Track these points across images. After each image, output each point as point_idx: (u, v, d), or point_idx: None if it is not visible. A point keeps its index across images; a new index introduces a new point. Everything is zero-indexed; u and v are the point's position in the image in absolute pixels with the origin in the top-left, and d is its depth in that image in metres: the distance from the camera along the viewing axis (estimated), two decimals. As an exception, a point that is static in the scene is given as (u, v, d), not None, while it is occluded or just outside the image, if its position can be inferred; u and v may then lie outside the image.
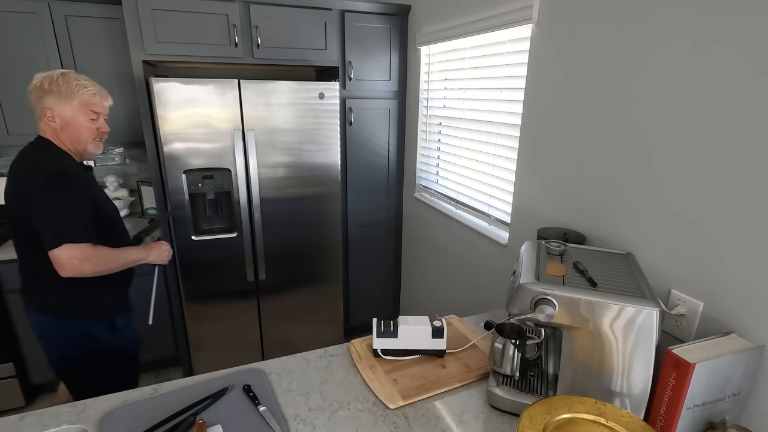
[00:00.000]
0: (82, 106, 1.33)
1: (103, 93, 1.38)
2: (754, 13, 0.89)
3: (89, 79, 1.38)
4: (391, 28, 2.38)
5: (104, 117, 1.40)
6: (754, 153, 0.91)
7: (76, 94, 1.32)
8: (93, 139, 1.38)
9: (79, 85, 1.33)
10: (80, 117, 1.34)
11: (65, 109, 1.32)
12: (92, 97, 1.34)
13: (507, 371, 1.03)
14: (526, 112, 1.59)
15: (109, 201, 1.45)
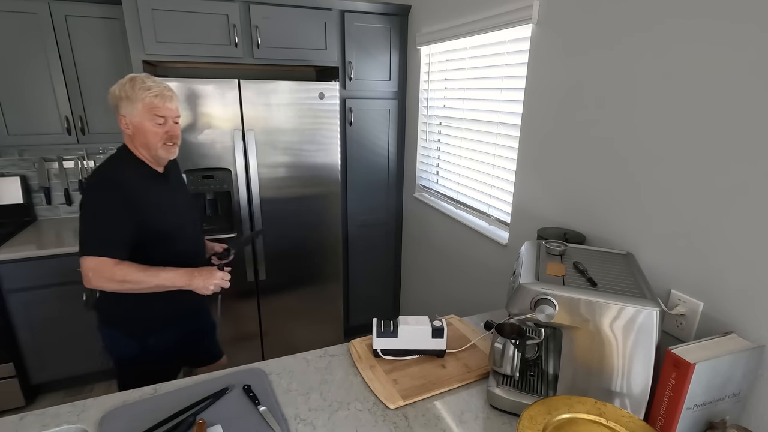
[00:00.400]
0: (147, 110, 1.26)
1: (166, 95, 1.29)
2: (755, 16, 0.89)
3: (156, 81, 1.30)
4: (391, 28, 2.38)
5: (173, 120, 1.32)
6: (754, 153, 0.91)
7: (139, 98, 1.26)
8: (162, 143, 1.30)
9: (143, 88, 1.26)
10: (146, 122, 1.27)
11: (134, 114, 1.27)
12: (154, 100, 1.26)
13: (507, 371, 1.03)
14: (526, 112, 1.59)
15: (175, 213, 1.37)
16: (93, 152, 2.56)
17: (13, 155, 2.43)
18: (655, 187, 1.13)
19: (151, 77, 1.30)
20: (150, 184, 1.32)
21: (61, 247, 2.10)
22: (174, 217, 1.37)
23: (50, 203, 2.54)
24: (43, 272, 2.09)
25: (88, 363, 2.32)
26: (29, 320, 2.13)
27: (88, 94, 2.20)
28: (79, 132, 2.23)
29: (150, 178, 1.34)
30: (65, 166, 2.51)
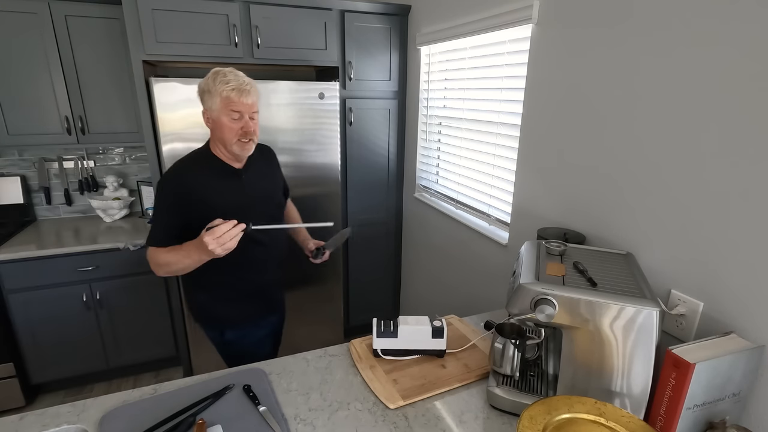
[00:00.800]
0: (224, 104, 1.23)
1: (243, 89, 1.23)
2: (755, 15, 0.89)
3: (237, 75, 1.25)
4: (391, 28, 2.38)
5: (249, 115, 1.27)
6: (754, 153, 0.91)
7: (218, 92, 1.23)
8: (237, 139, 1.27)
9: (222, 81, 1.23)
10: (223, 116, 1.25)
11: (213, 109, 1.26)
12: (231, 94, 1.22)
13: (507, 371, 1.03)
14: (526, 112, 1.59)
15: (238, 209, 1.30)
16: (93, 152, 2.56)
17: (13, 155, 2.43)
18: (655, 187, 1.13)
19: (235, 71, 1.26)
20: (216, 181, 1.31)
21: (61, 247, 2.11)
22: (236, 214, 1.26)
23: (50, 203, 2.54)
24: (43, 272, 2.09)
25: (88, 363, 2.32)
26: (29, 320, 2.13)
27: (88, 94, 2.20)
28: (79, 132, 2.23)
29: (219, 174, 1.32)
30: (65, 166, 2.51)
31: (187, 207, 1.27)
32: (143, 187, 2.60)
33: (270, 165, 1.51)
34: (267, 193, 1.46)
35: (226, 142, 1.28)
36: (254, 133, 1.29)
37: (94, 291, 2.21)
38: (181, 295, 2.26)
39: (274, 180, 1.52)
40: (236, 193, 1.35)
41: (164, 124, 1.97)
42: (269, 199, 1.46)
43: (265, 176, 1.47)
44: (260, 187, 1.43)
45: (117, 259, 2.20)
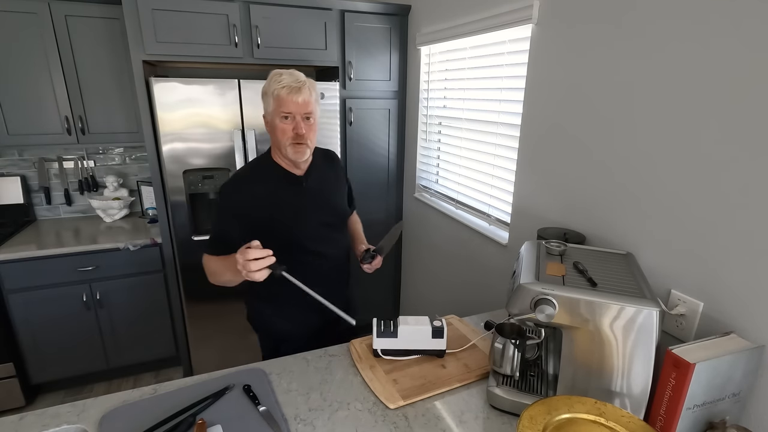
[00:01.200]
0: (276, 105, 1.18)
1: (293, 87, 1.16)
2: (754, 13, 0.89)
3: (294, 74, 1.18)
4: (391, 28, 2.38)
5: (301, 116, 1.19)
6: (754, 154, 0.91)
7: (271, 92, 1.17)
8: (290, 143, 1.20)
9: (276, 81, 1.17)
10: (276, 118, 1.19)
11: (268, 111, 1.21)
12: (281, 92, 1.15)
13: (507, 371, 1.03)
14: (526, 112, 1.59)
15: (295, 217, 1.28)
16: (93, 152, 2.56)
17: (13, 155, 2.43)
18: (655, 187, 1.13)
19: (292, 71, 1.19)
20: (275, 189, 1.25)
21: (61, 247, 2.11)
22: (294, 227, 1.28)
23: (50, 203, 2.54)
24: (43, 272, 2.09)
25: (88, 363, 2.32)
26: (29, 320, 2.13)
27: (88, 94, 2.20)
28: (79, 132, 2.23)
29: (278, 182, 1.26)
30: (65, 166, 2.51)
31: (242, 216, 1.23)
32: (143, 187, 2.60)
33: (333, 171, 1.42)
34: (327, 202, 1.36)
35: (280, 145, 1.23)
36: (306, 137, 1.21)
37: (94, 291, 2.21)
38: (181, 295, 2.26)
39: (336, 188, 1.42)
40: (294, 202, 1.29)
41: (164, 124, 1.97)
42: (329, 209, 1.37)
43: (327, 183, 1.38)
44: (321, 195, 1.34)
45: (117, 259, 2.20)
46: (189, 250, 2.17)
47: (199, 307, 2.28)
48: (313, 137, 1.24)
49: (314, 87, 1.22)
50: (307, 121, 1.21)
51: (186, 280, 2.21)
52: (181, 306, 2.31)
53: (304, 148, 1.23)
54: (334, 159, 1.47)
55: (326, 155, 1.44)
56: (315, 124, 1.24)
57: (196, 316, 2.28)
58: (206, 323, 2.31)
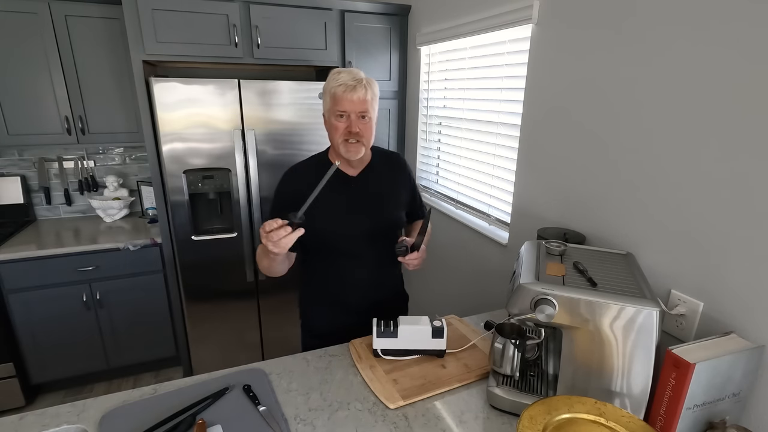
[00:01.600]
0: (332, 102, 1.18)
1: (349, 85, 1.14)
2: (755, 13, 0.89)
3: (352, 72, 1.17)
4: (391, 28, 2.38)
5: (356, 114, 1.17)
6: (754, 153, 0.91)
7: (328, 90, 1.17)
8: (343, 140, 1.19)
9: (333, 79, 1.16)
10: (332, 117, 1.19)
11: (326, 109, 1.21)
12: (337, 90, 1.15)
13: (507, 371, 1.03)
14: (526, 112, 1.59)
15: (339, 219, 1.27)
16: (93, 152, 2.56)
17: (13, 155, 2.44)
18: (655, 187, 1.13)
19: (352, 69, 1.19)
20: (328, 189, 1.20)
21: (61, 247, 2.11)
22: (339, 227, 1.27)
23: (50, 203, 2.54)
24: (43, 272, 2.09)
25: (88, 363, 2.32)
26: (29, 320, 2.13)
27: (88, 94, 2.20)
28: (79, 132, 2.23)
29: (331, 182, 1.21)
30: (65, 166, 2.51)
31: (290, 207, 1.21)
32: (143, 187, 2.60)
33: (392, 176, 1.37)
34: (375, 206, 1.32)
35: (334, 143, 1.22)
36: (361, 135, 1.19)
37: (94, 291, 2.21)
38: (181, 295, 2.26)
39: (391, 194, 1.36)
40: (340, 202, 1.27)
41: (164, 124, 1.97)
42: (376, 214, 1.32)
43: (380, 188, 1.33)
44: (370, 199, 1.31)
45: (117, 259, 2.20)
46: (189, 250, 2.17)
47: (199, 307, 2.28)
48: (368, 135, 1.22)
49: (372, 85, 1.20)
50: (362, 119, 1.19)
51: (186, 280, 2.21)
52: (181, 306, 2.31)
53: (359, 146, 1.21)
54: (398, 164, 1.40)
55: (390, 159, 1.40)
56: (371, 123, 1.22)
57: (196, 316, 2.28)
58: (206, 323, 2.31)
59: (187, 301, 2.25)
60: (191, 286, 2.23)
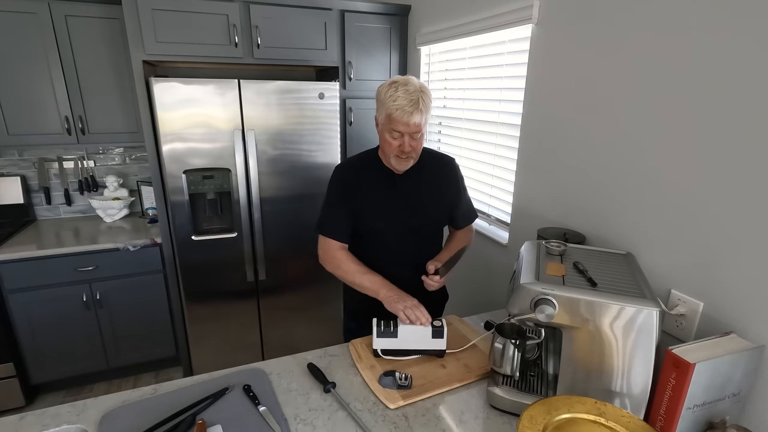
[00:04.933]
0: (387, 120, 1.21)
1: (407, 110, 1.17)
2: (756, 12, 0.89)
3: (409, 91, 1.18)
4: (391, 28, 2.38)
5: (411, 134, 1.21)
6: (754, 154, 0.91)
7: (385, 106, 1.20)
8: (395, 156, 1.25)
9: (391, 97, 1.19)
10: (385, 131, 1.24)
11: (380, 119, 1.25)
12: (394, 113, 1.18)
13: (507, 371, 1.03)
14: (526, 112, 1.59)
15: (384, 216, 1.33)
16: (93, 152, 2.56)
17: (13, 155, 2.43)
18: (655, 187, 1.13)
19: (408, 85, 1.19)
20: (375, 183, 1.33)
21: (61, 247, 2.11)
22: (380, 221, 1.34)
23: (50, 203, 2.54)
24: (43, 272, 2.09)
25: (88, 363, 2.32)
26: (29, 320, 2.13)
27: (88, 94, 2.20)
28: (79, 132, 2.23)
29: (377, 176, 1.33)
30: (65, 166, 2.51)
31: (346, 199, 1.34)
32: (143, 187, 2.60)
33: (437, 178, 1.39)
34: (417, 206, 1.36)
35: (386, 154, 1.28)
36: (414, 151, 1.25)
37: (94, 291, 2.21)
38: (181, 295, 2.26)
39: (435, 195, 1.38)
40: (385, 198, 1.34)
41: (164, 124, 1.97)
42: (418, 214, 1.36)
43: (425, 188, 1.37)
44: (413, 198, 1.36)
45: (117, 259, 2.20)
46: (189, 250, 2.17)
47: (199, 307, 2.28)
48: (419, 149, 1.27)
49: (428, 101, 1.21)
50: (415, 137, 1.23)
51: (186, 280, 2.21)
52: (181, 306, 2.31)
53: (409, 161, 1.28)
54: (445, 167, 1.42)
55: (438, 161, 1.42)
56: (423, 136, 1.27)
57: (196, 316, 2.28)
58: (206, 323, 2.31)
59: (187, 301, 2.25)
60: (191, 286, 2.23)
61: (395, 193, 1.34)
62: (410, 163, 1.29)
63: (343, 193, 1.34)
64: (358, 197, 1.33)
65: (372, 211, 1.33)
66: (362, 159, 1.39)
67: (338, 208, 1.35)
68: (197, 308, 2.27)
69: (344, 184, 1.34)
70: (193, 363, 2.36)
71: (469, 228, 1.52)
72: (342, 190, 1.34)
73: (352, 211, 1.33)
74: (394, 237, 1.36)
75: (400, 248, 1.38)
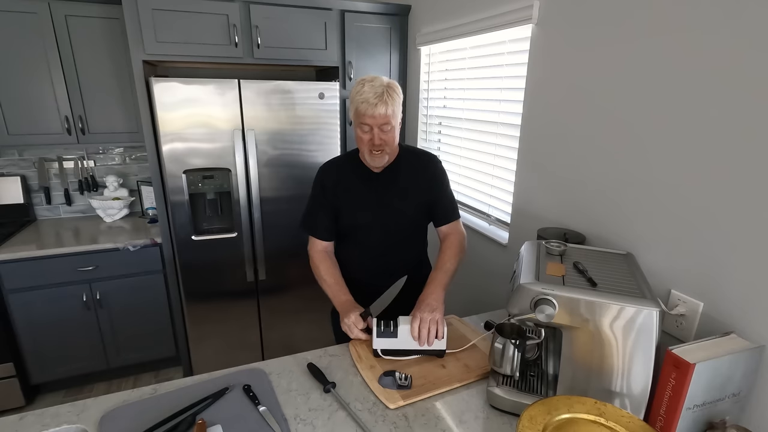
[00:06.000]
0: (355, 115, 1.24)
1: (371, 102, 1.18)
2: (753, 11, 0.89)
3: (374, 84, 1.20)
4: (391, 28, 2.38)
5: (378, 127, 1.22)
6: (754, 154, 0.91)
7: (353, 102, 1.22)
8: (368, 150, 1.26)
9: (357, 92, 1.21)
10: (356, 127, 1.26)
11: (351, 116, 1.27)
12: (360, 106, 1.20)
13: (507, 371, 1.03)
14: (526, 112, 1.59)
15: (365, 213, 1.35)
16: (93, 152, 2.56)
17: (13, 155, 2.43)
18: (654, 187, 1.13)
19: (374, 81, 1.21)
20: (353, 181, 1.36)
21: (61, 246, 2.11)
22: (355, 218, 1.37)
23: (50, 203, 2.54)
24: (43, 272, 2.09)
25: (88, 363, 2.32)
26: (29, 320, 2.13)
27: (88, 94, 2.20)
28: (79, 132, 2.23)
29: (358, 175, 1.36)
30: (65, 166, 2.51)
31: (325, 196, 1.37)
32: (143, 187, 2.60)
33: (415, 174, 1.37)
34: (391, 202, 1.36)
35: (361, 150, 1.30)
36: (384, 145, 1.25)
37: (94, 291, 2.21)
38: (181, 295, 2.26)
39: (411, 191, 1.37)
40: (361, 196, 1.36)
41: (164, 124, 1.97)
42: (392, 209, 1.36)
43: (399, 185, 1.36)
44: (387, 195, 1.36)
45: (117, 259, 2.20)
46: (189, 250, 2.17)
47: (199, 307, 2.28)
48: (391, 143, 1.27)
49: (393, 95, 1.22)
50: (384, 129, 1.23)
51: (186, 280, 2.21)
52: (181, 306, 2.31)
53: (382, 155, 1.28)
54: (424, 163, 1.40)
55: (417, 158, 1.40)
56: (394, 129, 1.26)
57: (196, 316, 2.28)
58: (206, 323, 2.31)
59: (187, 301, 2.25)
60: (191, 286, 2.23)
61: (371, 190, 1.36)
62: (385, 159, 1.29)
63: (321, 190, 1.37)
64: (337, 195, 1.36)
65: (348, 208, 1.36)
66: (344, 158, 1.42)
67: (318, 205, 1.39)
68: (197, 308, 2.27)
69: (323, 181, 1.37)
70: (193, 363, 2.36)
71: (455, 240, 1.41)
72: (321, 188, 1.38)
73: (332, 208, 1.37)
74: (369, 234, 1.38)
75: (376, 246, 1.40)
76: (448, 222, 1.43)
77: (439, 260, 1.36)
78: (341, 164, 1.40)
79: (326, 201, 1.37)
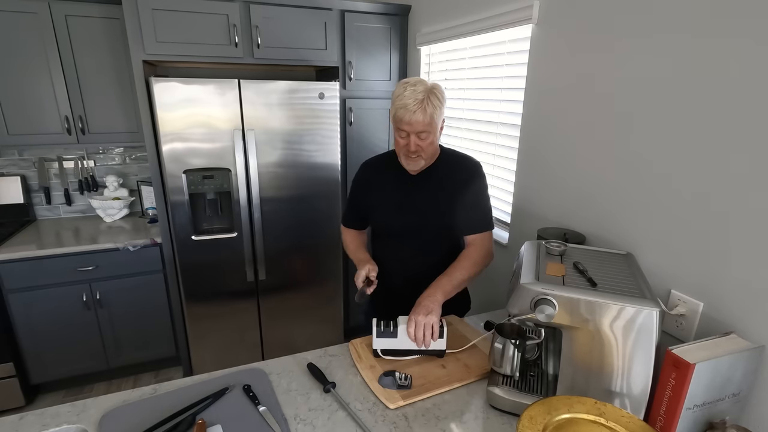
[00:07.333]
0: (394, 120, 1.25)
1: (409, 108, 1.17)
2: (756, 12, 0.89)
3: (413, 90, 1.18)
4: (391, 28, 2.38)
5: (415, 134, 1.21)
6: (754, 154, 0.91)
7: (393, 105, 1.23)
8: (404, 155, 1.27)
9: (396, 96, 1.21)
10: (395, 131, 1.26)
11: (390, 118, 1.28)
12: (398, 112, 1.20)
13: (507, 371, 1.03)
14: (526, 112, 1.59)
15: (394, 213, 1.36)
16: (93, 152, 2.56)
17: (13, 155, 2.43)
18: (654, 187, 1.13)
19: (416, 84, 1.20)
20: (389, 181, 1.38)
21: (61, 246, 2.11)
22: (384, 219, 1.40)
23: (50, 203, 2.54)
24: (43, 272, 2.09)
25: (88, 363, 2.32)
26: (29, 320, 2.13)
27: (88, 94, 2.20)
28: (79, 132, 2.23)
29: (393, 175, 1.37)
30: (65, 166, 2.51)
31: (359, 194, 1.45)
32: (143, 187, 2.60)
33: (452, 180, 1.33)
34: (421, 206, 1.34)
35: (397, 153, 1.31)
36: (420, 151, 1.25)
37: (94, 291, 2.21)
38: (181, 295, 2.26)
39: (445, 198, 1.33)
40: (392, 197, 1.38)
41: (164, 124, 1.97)
42: (421, 214, 1.34)
43: (432, 190, 1.33)
44: (418, 199, 1.34)
45: (117, 259, 2.20)
46: (189, 250, 2.17)
47: (199, 307, 2.28)
48: (428, 149, 1.26)
49: (435, 101, 1.20)
50: (421, 137, 1.23)
51: (186, 280, 2.21)
52: (181, 306, 2.31)
53: (418, 160, 1.28)
54: (462, 170, 1.35)
55: (459, 164, 1.37)
56: (431, 138, 1.24)
57: (196, 316, 2.28)
58: (206, 323, 2.31)
59: (187, 301, 2.25)
60: (191, 286, 2.23)
61: (403, 193, 1.36)
62: (420, 163, 1.29)
63: (357, 189, 1.46)
64: (371, 194, 1.41)
65: (379, 208, 1.40)
66: (385, 156, 1.45)
67: (353, 202, 1.48)
68: (197, 308, 2.27)
69: (360, 178, 1.45)
70: (193, 363, 2.36)
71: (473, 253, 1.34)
72: (356, 184, 1.46)
73: (366, 206, 1.43)
74: (396, 236, 1.40)
75: (402, 248, 1.40)
76: (472, 233, 1.37)
77: (450, 267, 1.30)
78: (380, 163, 1.43)
79: (360, 196, 1.44)
